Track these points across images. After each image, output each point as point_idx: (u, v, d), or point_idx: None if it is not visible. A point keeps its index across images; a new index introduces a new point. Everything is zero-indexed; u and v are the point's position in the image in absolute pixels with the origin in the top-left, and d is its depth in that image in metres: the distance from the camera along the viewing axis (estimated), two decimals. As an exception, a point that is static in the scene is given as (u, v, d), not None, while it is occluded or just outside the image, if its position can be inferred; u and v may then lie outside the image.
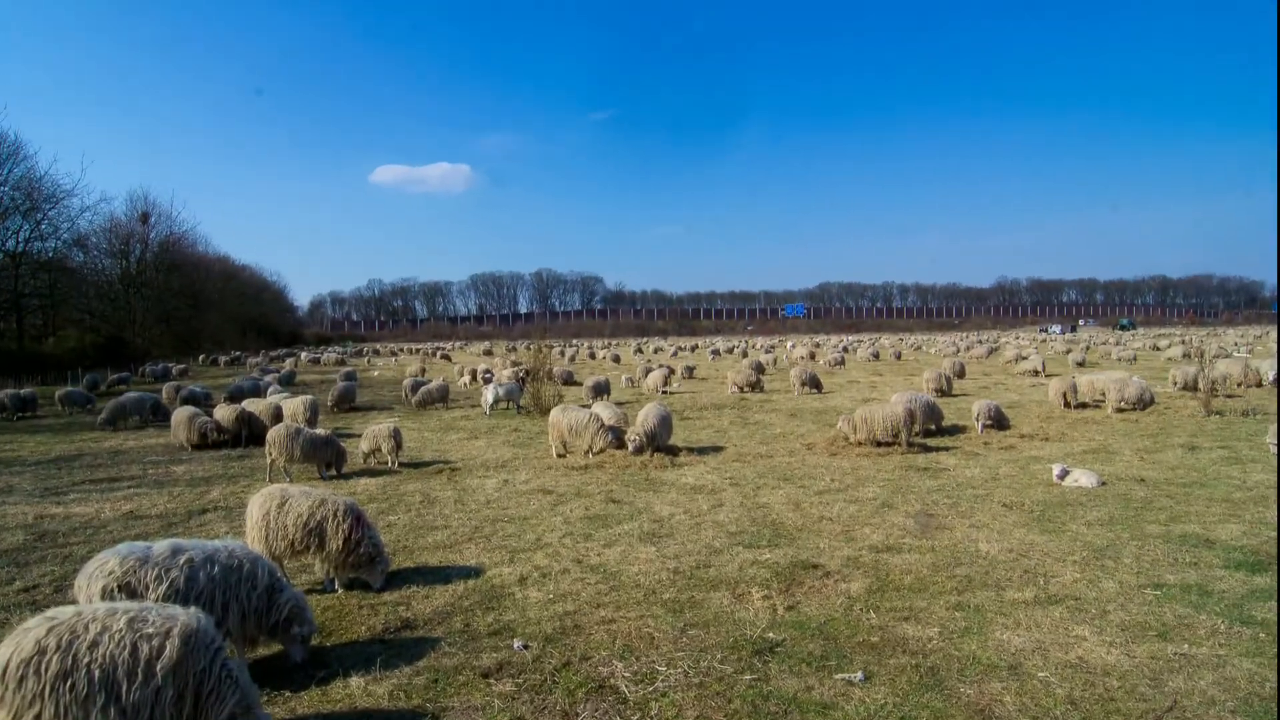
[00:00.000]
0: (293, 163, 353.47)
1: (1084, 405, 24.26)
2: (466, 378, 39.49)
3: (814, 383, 31.96)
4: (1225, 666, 6.55)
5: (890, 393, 25.45)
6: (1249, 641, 7.01)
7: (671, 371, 39.39)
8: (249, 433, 21.08)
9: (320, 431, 16.51)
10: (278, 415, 21.98)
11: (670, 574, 9.30)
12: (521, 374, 32.21)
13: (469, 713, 6.18)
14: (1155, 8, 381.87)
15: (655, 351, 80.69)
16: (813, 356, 56.44)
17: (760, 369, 38.99)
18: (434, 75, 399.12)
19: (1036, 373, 38.46)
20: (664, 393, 33.00)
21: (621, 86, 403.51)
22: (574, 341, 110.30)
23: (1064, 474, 13.74)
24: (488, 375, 37.97)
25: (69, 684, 4.83)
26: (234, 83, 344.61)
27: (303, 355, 77.35)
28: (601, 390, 29.91)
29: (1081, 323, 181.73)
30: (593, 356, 68.22)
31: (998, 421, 20.22)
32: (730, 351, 73.81)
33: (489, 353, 77.43)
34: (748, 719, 5.97)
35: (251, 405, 22.67)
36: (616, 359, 61.42)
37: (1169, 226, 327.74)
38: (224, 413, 21.22)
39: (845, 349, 70.84)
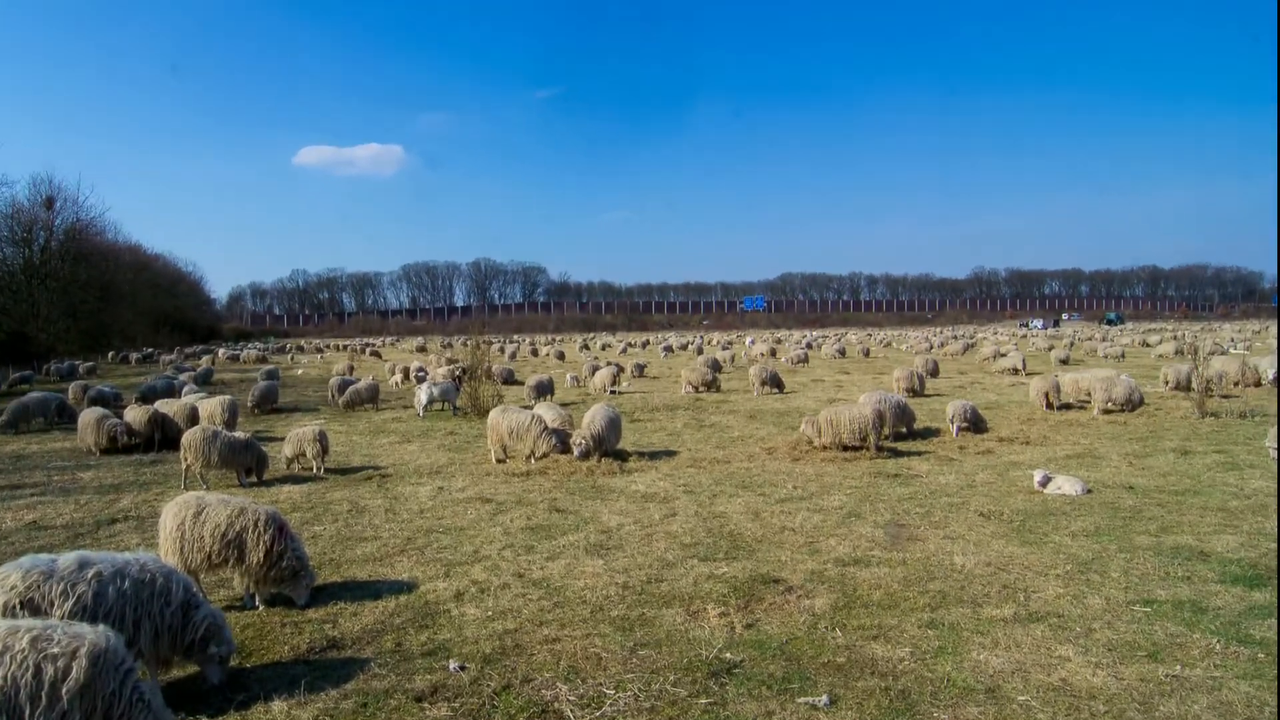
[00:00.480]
0: (210, 143, 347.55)
1: (1068, 406, 24.72)
2: (398, 376, 39.74)
3: (775, 382, 32.25)
4: (1221, 689, 6.67)
5: (858, 392, 25.75)
6: (1246, 662, 7.13)
7: (620, 369, 39.77)
8: (162, 436, 21.19)
9: (240, 435, 16.62)
10: (193, 417, 22.08)
11: (619, 589, 9.36)
12: (458, 372, 32.53)
13: (396, 742, 6.16)
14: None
15: (603, 348, 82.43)
16: (773, 353, 56.82)
17: (717, 367, 39.30)
18: (363, 48, 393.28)
19: (1016, 371, 39.22)
20: (612, 392, 33.21)
21: (568, 61, 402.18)
22: (515, 337, 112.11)
23: (1046, 481, 13.98)
24: (421, 374, 38.11)
25: None
26: (146, 58, 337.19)
27: (220, 352, 77.34)
28: (544, 390, 30.20)
29: (1065, 317, 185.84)
30: (535, 353, 68.74)
31: (974, 424, 20.56)
32: (684, 348, 74.56)
33: (423, 349, 78.65)
34: (702, 749, 5.99)
35: (165, 406, 22.81)
36: (561, 356, 61.99)
37: (1160, 212, 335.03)
38: (135, 414, 21.23)
39: (809, 345, 72.05)
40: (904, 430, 20.25)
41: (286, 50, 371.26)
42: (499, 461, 17.74)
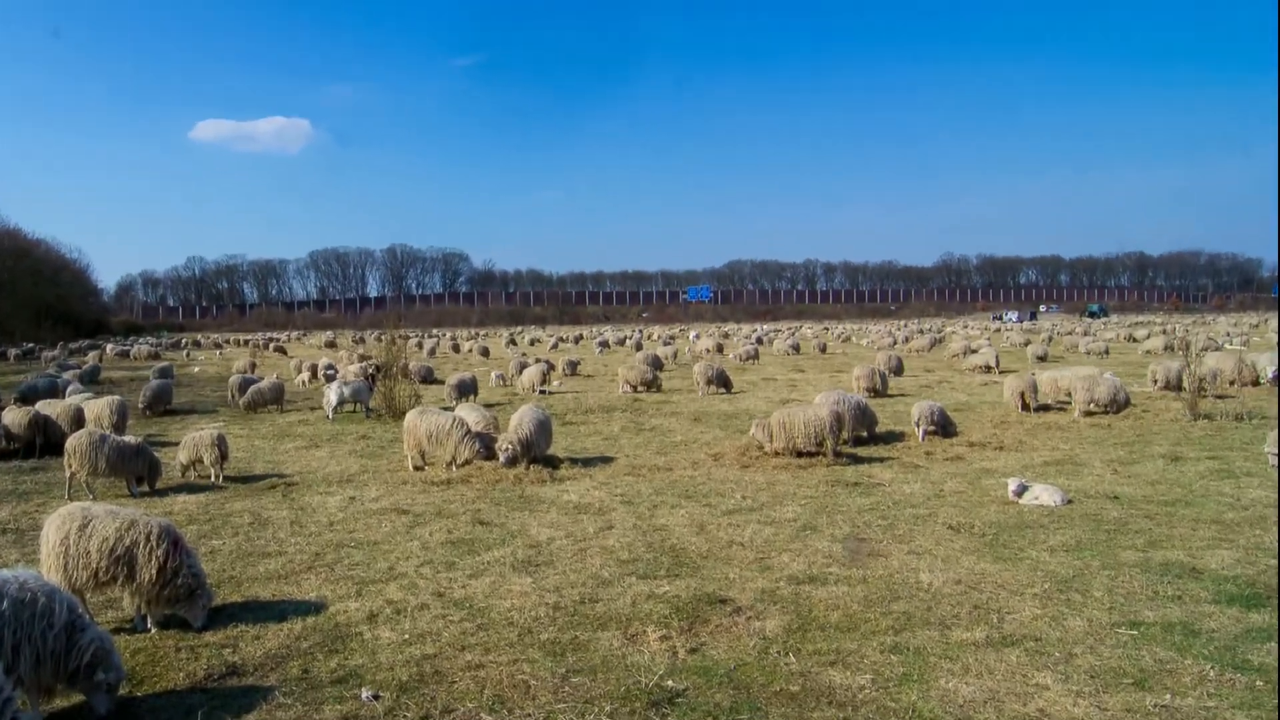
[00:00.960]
0: (96, 117, 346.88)
1: (1046, 408, 25.17)
2: (305, 375, 40.64)
3: (722, 380, 32.53)
4: (1214, 720, 6.80)
5: (814, 392, 25.90)
6: (1243, 691, 7.21)
7: (551, 367, 39.99)
8: (44, 440, 21.22)
9: (130, 439, 16.63)
10: (79, 419, 21.99)
11: (549, 610, 9.40)
12: (371, 370, 32.94)
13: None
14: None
15: (531, 343, 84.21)
16: (720, 349, 57.39)
17: (657, 364, 39.68)
18: (265, 10, 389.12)
19: (989, 369, 39.88)
20: (542, 392, 33.56)
21: (491, 25, 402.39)
22: (434, 331, 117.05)
23: (1021, 490, 14.19)
24: (330, 372, 38.63)
25: None
26: (26, 21, 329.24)
27: (109, 348, 77.17)
28: (467, 390, 30.69)
29: (1043, 309, 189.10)
30: (456, 349, 70.35)
31: (942, 427, 20.87)
32: (621, 343, 76.01)
33: (332, 344, 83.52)
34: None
35: (47, 407, 22.80)
36: (485, 352, 62.79)
37: (1148, 193, 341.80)
38: (14, 416, 21.30)
39: (759, 340, 72.90)
40: (864, 434, 20.47)
41: (181, 13, 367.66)
42: (416, 469, 17.95)
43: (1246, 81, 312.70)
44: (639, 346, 66.25)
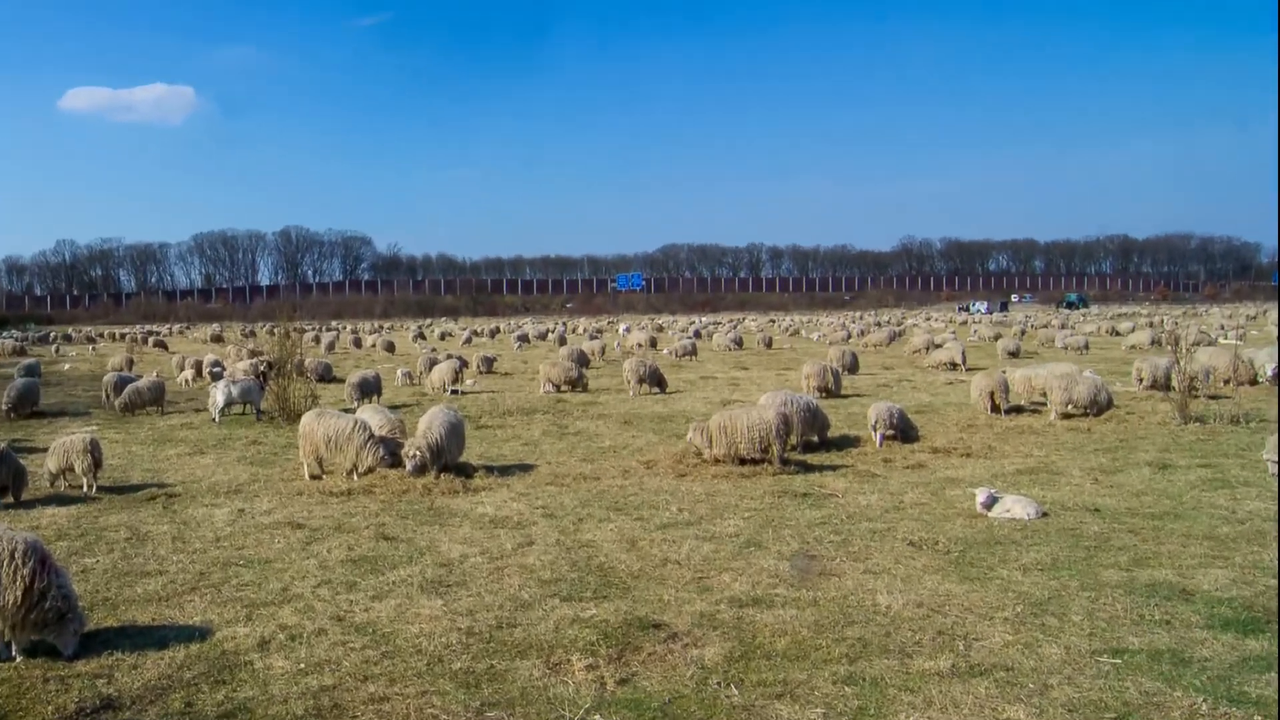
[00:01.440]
0: None
1: (1018, 409, 25.46)
2: (189, 373, 40.88)
3: (655, 379, 32.70)
4: (1207, 758, 6.88)
5: (758, 392, 26.08)
6: None
7: (464, 364, 39.91)
8: None
9: None
10: None
11: (462, 636, 9.38)
12: (262, 367, 33.29)
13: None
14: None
15: (442, 337, 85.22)
16: (654, 344, 57.72)
17: (583, 361, 40.14)
18: None
19: (954, 366, 40.39)
20: (454, 392, 33.81)
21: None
22: (334, 324, 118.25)
23: (991, 501, 14.31)
24: (217, 369, 38.85)
25: None
26: None
27: None
28: (370, 389, 30.97)
29: (1015, 298, 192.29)
30: (358, 344, 71.40)
31: (902, 431, 21.10)
32: (543, 337, 77.24)
33: (219, 339, 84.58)
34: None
35: None
36: (390, 347, 63.19)
37: (1133, 170, 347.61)
38: None
39: (697, 334, 73.22)
40: (815, 439, 20.62)
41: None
42: (313, 478, 18.09)
43: (1241, 47, 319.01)
44: (563, 341, 66.23)
